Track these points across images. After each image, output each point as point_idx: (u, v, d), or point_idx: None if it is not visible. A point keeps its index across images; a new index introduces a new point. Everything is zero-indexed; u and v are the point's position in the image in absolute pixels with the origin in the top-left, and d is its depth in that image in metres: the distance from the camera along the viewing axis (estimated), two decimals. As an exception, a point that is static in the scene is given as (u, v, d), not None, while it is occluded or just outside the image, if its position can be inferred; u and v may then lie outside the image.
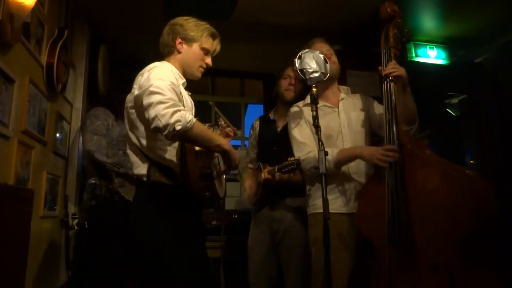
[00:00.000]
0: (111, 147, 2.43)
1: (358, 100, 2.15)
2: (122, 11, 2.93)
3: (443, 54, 3.54)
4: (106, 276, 2.33)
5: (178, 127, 1.36)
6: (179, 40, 1.67)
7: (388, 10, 1.92)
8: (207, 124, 1.61)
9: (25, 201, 1.79)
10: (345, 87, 2.20)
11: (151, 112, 1.39)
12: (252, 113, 5.00)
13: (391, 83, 1.82)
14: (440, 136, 4.10)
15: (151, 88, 1.42)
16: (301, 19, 3.05)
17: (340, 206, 1.94)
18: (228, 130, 1.76)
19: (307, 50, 1.80)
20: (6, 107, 1.76)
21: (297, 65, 1.76)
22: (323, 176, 1.56)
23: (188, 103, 1.66)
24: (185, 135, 1.41)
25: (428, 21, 3.23)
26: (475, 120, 3.70)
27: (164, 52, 1.70)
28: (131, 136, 1.60)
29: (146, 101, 1.42)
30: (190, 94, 1.73)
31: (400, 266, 1.60)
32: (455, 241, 1.51)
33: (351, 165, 1.96)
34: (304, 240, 2.09)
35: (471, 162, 3.82)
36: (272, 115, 2.60)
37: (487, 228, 1.54)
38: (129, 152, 1.63)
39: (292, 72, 2.38)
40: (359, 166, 1.98)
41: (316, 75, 1.74)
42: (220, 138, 1.55)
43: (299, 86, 2.43)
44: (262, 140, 2.59)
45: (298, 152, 2.01)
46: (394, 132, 1.74)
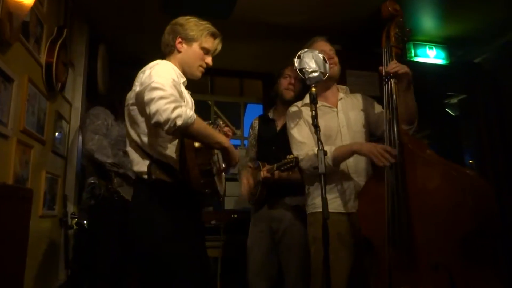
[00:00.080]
0: (111, 147, 2.43)
1: (357, 100, 2.15)
2: (121, 10, 2.93)
3: (442, 54, 3.54)
4: (105, 276, 2.33)
5: (179, 122, 1.36)
6: (179, 40, 1.67)
7: (390, 9, 1.92)
8: (205, 123, 1.60)
9: (24, 200, 1.78)
10: (344, 87, 2.20)
11: (152, 107, 1.39)
12: (252, 112, 5.01)
13: (392, 82, 1.82)
14: (439, 136, 4.10)
15: (153, 84, 1.43)
16: (300, 18, 3.05)
17: (339, 206, 1.94)
18: (226, 129, 1.76)
19: (306, 50, 1.80)
20: (5, 107, 1.76)
21: (296, 64, 1.76)
22: (322, 175, 1.56)
23: (189, 101, 1.66)
24: (185, 130, 1.41)
25: (427, 21, 3.24)
26: (474, 120, 3.70)
27: (165, 52, 1.71)
28: (132, 133, 1.60)
29: (147, 96, 1.42)
30: (190, 93, 1.73)
31: (400, 266, 1.60)
32: (455, 241, 1.52)
33: (350, 164, 1.96)
34: (304, 239, 2.09)
35: (470, 162, 3.83)
36: (271, 114, 2.60)
37: (487, 228, 1.54)
38: (129, 149, 1.63)
39: (292, 72, 2.38)
40: (358, 166, 1.98)
41: (315, 74, 1.74)
42: (220, 135, 1.55)
43: (298, 86, 2.43)
44: (261, 139, 2.59)
45: (297, 152, 2.01)
46: (395, 132, 1.74)
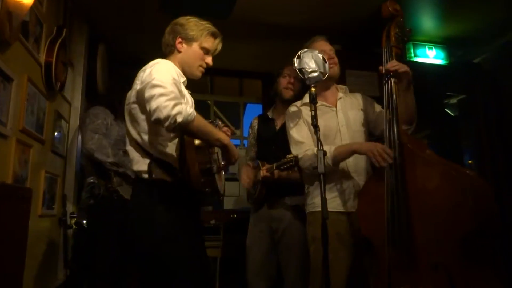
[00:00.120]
0: (111, 146, 2.42)
1: (356, 99, 2.15)
2: (121, 10, 2.92)
3: (442, 54, 3.55)
4: (104, 275, 2.32)
5: (179, 119, 1.36)
6: (179, 40, 1.68)
7: (390, 9, 1.92)
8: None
9: (23, 200, 1.78)
10: (343, 86, 2.19)
11: (153, 104, 1.39)
12: (251, 112, 5.01)
13: (393, 82, 1.82)
14: (439, 136, 4.11)
15: (153, 82, 1.43)
16: (300, 18, 3.04)
17: (339, 205, 1.94)
18: (225, 129, 1.75)
19: (306, 50, 1.80)
20: (4, 106, 1.76)
21: (296, 64, 1.76)
22: (321, 175, 1.56)
23: (189, 101, 1.66)
24: (186, 127, 1.41)
25: (427, 21, 3.24)
26: (474, 120, 3.70)
27: (166, 52, 1.72)
28: (132, 132, 1.60)
29: (148, 93, 1.43)
30: (190, 93, 1.73)
31: (399, 265, 1.60)
32: (455, 241, 1.52)
33: (350, 164, 1.96)
34: (303, 239, 2.09)
35: (470, 162, 3.83)
36: (270, 114, 2.60)
37: (487, 228, 1.54)
38: (128, 148, 1.63)
39: (291, 71, 2.38)
40: (358, 165, 1.98)
41: (315, 74, 1.74)
42: (220, 132, 1.54)
43: (297, 85, 2.42)
44: (260, 139, 2.59)
45: (296, 151, 2.01)
46: (395, 132, 1.74)
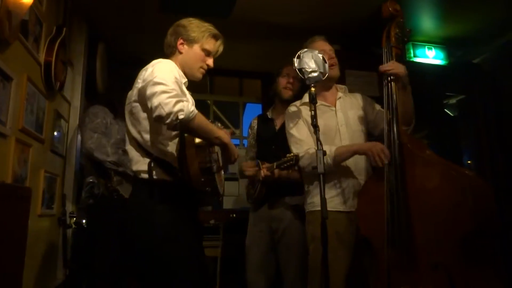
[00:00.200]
0: (111, 145, 2.42)
1: (356, 99, 2.16)
2: (120, 9, 2.92)
3: (441, 55, 3.55)
4: (103, 275, 2.32)
5: (181, 116, 1.36)
6: (180, 41, 1.68)
7: (390, 9, 1.92)
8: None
9: (22, 199, 1.78)
10: (342, 86, 2.20)
11: (154, 101, 1.39)
12: (251, 112, 5.00)
13: (392, 82, 1.83)
14: (438, 136, 4.11)
15: (155, 79, 1.44)
16: (300, 18, 3.04)
17: (338, 205, 1.94)
18: (225, 131, 1.76)
19: (306, 50, 1.80)
20: (4, 105, 1.75)
21: (296, 64, 1.76)
22: (321, 175, 1.56)
23: (190, 101, 1.66)
24: (187, 125, 1.41)
25: (426, 21, 3.24)
26: (473, 120, 3.71)
27: (167, 53, 1.72)
28: (132, 131, 1.60)
29: (149, 91, 1.43)
30: (190, 93, 1.73)
31: (399, 265, 1.60)
32: (455, 241, 1.52)
33: (349, 163, 1.97)
34: (303, 239, 2.09)
35: (469, 162, 3.83)
36: (270, 114, 2.60)
37: (486, 228, 1.55)
38: (128, 148, 1.63)
39: (291, 70, 2.37)
40: (357, 165, 1.98)
41: (314, 74, 1.74)
42: (220, 131, 1.55)
43: (297, 85, 2.42)
44: (260, 139, 2.58)
45: (297, 150, 2.01)
46: (395, 132, 1.74)
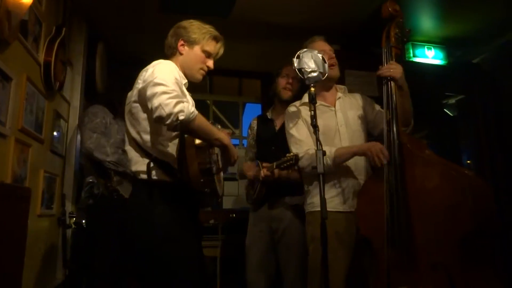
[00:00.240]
0: (110, 145, 2.42)
1: (355, 99, 2.16)
2: (120, 9, 2.92)
3: (441, 55, 3.55)
4: (103, 275, 2.32)
5: (181, 117, 1.36)
6: (181, 42, 1.69)
7: (390, 9, 1.92)
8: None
9: (22, 199, 1.78)
10: (342, 86, 2.20)
11: (155, 102, 1.39)
12: (250, 112, 4.99)
13: (392, 82, 1.83)
14: (438, 136, 4.11)
15: (156, 80, 1.44)
16: (300, 18, 3.04)
17: (338, 205, 1.94)
18: (225, 132, 1.76)
19: (305, 50, 1.80)
20: (3, 105, 1.75)
21: (295, 64, 1.76)
22: (320, 175, 1.56)
23: (190, 101, 1.66)
24: (187, 125, 1.41)
25: (426, 21, 3.24)
26: (473, 120, 3.71)
27: (168, 54, 1.72)
28: (131, 131, 1.60)
29: (150, 91, 1.43)
30: (190, 94, 1.73)
31: (399, 265, 1.60)
32: (454, 240, 1.52)
33: (349, 163, 1.97)
34: (303, 239, 2.09)
35: (468, 162, 3.83)
36: (269, 114, 2.60)
37: (486, 228, 1.55)
38: (127, 148, 1.63)
39: (290, 71, 2.37)
40: (357, 165, 1.98)
41: (314, 74, 1.74)
42: (220, 132, 1.55)
43: (296, 85, 2.42)
44: (260, 139, 2.58)
45: (296, 150, 2.01)
46: (394, 132, 1.74)
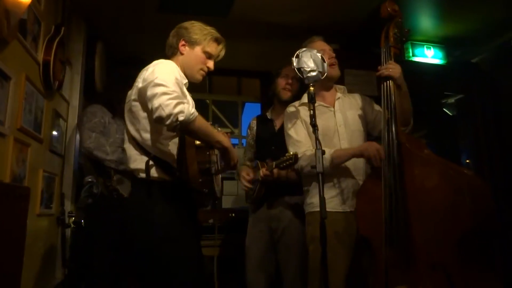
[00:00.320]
0: (110, 144, 2.42)
1: (355, 99, 2.16)
2: (119, 8, 2.91)
3: (440, 54, 3.55)
4: (102, 275, 2.32)
5: (181, 118, 1.37)
6: (182, 42, 1.69)
7: (389, 9, 1.93)
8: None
9: (21, 199, 1.78)
10: (341, 87, 2.20)
11: (155, 102, 1.39)
12: (250, 111, 4.99)
13: (390, 82, 1.83)
14: (437, 135, 4.11)
15: (156, 80, 1.44)
16: (299, 18, 3.04)
17: (337, 205, 1.95)
18: (223, 133, 1.76)
19: (304, 49, 1.80)
20: (2, 105, 1.75)
21: (294, 64, 1.77)
22: (320, 175, 1.56)
23: (190, 102, 1.66)
24: (187, 126, 1.41)
25: (425, 21, 3.24)
26: (472, 119, 3.71)
27: (168, 54, 1.73)
28: (131, 130, 1.60)
29: (150, 92, 1.43)
30: (190, 94, 1.74)
31: (397, 265, 1.61)
32: (453, 240, 1.52)
33: (348, 163, 1.97)
34: (303, 239, 2.09)
35: (467, 161, 3.84)
36: (269, 114, 2.60)
37: (485, 227, 1.55)
38: (126, 146, 1.64)
39: (290, 71, 2.38)
40: (356, 165, 1.98)
41: (313, 74, 1.75)
42: (221, 135, 1.55)
43: (296, 86, 2.43)
44: (259, 139, 2.58)
45: (294, 151, 2.01)
46: (393, 131, 1.74)
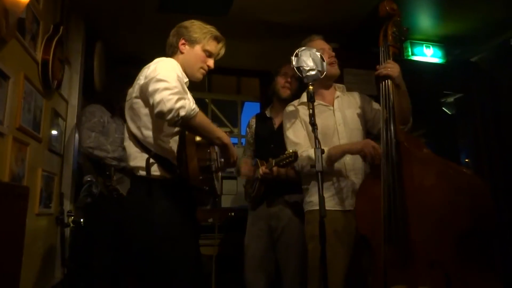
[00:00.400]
0: (110, 143, 2.42)
1: (354, 98, 2.16)
2: (118, 7, 2.91)
3: (439, 53, 3.55)
4: (102, 274, 2.32)
5: (182, 113, 1.37)
6: (182, 41, 1.70)
7: (387, 8, 1.92)
8: None
9: (20, 198, 1.78)
10: (340, 85, 2.20)
11: (156, 97, 1.40)
12: (249, 110, 4.99)
13: (389, 81, 1.83)
14: (436, 134, 4.11)
15: (158, 76, 1.45)
16: (298, 17, 3.04)
17: (336, 204, 1.95)
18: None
19: (304, 48, 1.81)
20: (1, 104, 1.75)
21: (294, 62, 1.77)
22: (319, 174, 1.56)
23: (190, 100, 1.66)
24: (188, 122, 1.42)
25: (424, 20, 3.24)
26: (471, 118, 3.71)
27: (168, 53, 1.73)
28: (132, 127, 1.60)
29: (152, 87, 1.44)
30: (190, 94, 1.74)
31: (396, 264, 1.61)
32: (451, 239, 1.52)
33: (347, 162, 1.97)
34: (302, 237, 2.09)
35: (466, 160, 3.84)
36: (268, 113, 2.60)
37: (483, 226, 1.55)
38: (126, 144, 1.64)
39: (289, 70, 2.38)
40: (355, 164, 1.99)
41: (312, 73, 1.75)
42: (221, 131, 1.56)
43: (295, 84, 2.43)
44: (259, 138, 2.59)
45: None
46: (392, 131, 1.74)
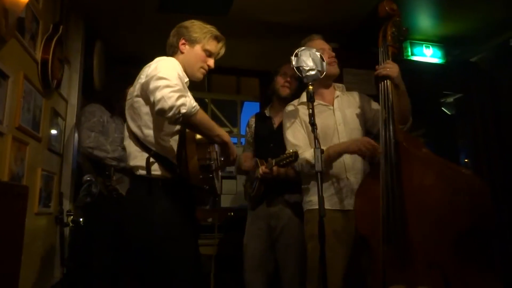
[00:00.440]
0: (110, 143, 2.42)
1: (353, 98, 2.16)
2: (118, 7, 2.91)
3: (439, 53, 3.55)
4: (101, 274, 2.32)
5: (183, 110, 1.38)
6: (182, 41, 1.70)
7: (387, 8, 1.93)
8: None
9: (19, 197, 1.78)
10: (340, 85, 2.21)
11: (157, 94, 1.40)
12: (249, 110, 4.98)
13: (388, 81, 1.83)
14: (435, 134, 4.11)
15: (159, 74, 1.45)
16: (298, 17, 3.04)
17: (336, 203, 1.95)
18: None
19: (303, 48, 1.81)
20: (0, 103, 1.75)
21: (293, 62, 1.77)
22: (318, 173, 1.56)
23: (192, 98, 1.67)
24: (188, 119, 1.42)
25: (424, 20, 3.24)
26: (470, 119, 3.71)
27: (169, 53, 1.74)
28: (132, 126, 1.60)
29: (153, 85, 1.44)
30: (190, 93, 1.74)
31: (395, 264, 1.61)
32: (450, 239, 1.52)
33: (347, 162, 1.97)
34: (302, 237, 2.09)
35: (466, 160, 3.84)
36: (268, 112, 2.60)
37: (482, 226, 1.55)
38: (126, 143, 1.64)
39: (289, 69, 2.38)
40: (355, 164, 1.99)
41: (312, 73, 1.75)
42: (221, 129, 1.56)
43: (294, 84, 2.44)
44: (258, 137, 2.59)
45: None
46: (391, 130, 1.75)
